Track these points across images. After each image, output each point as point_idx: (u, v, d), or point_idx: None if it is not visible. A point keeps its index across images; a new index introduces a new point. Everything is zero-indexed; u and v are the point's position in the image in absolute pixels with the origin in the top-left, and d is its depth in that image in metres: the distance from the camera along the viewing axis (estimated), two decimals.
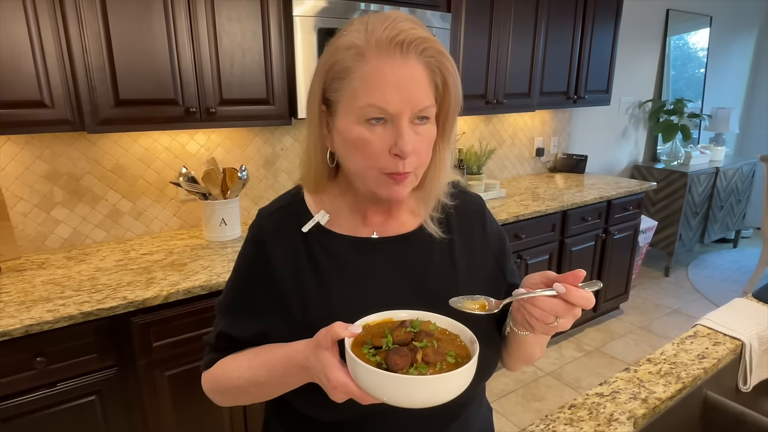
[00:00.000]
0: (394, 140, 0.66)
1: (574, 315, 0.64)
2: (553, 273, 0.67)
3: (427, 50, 0.66)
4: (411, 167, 0.69)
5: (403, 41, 0.64)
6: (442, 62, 0.68)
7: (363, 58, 0.65)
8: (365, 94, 0.65)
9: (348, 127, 0.68)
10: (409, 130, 0.67)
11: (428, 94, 0.68)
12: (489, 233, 0.87)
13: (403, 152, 0.66)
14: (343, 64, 0.67)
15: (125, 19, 1.60)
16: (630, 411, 0.95)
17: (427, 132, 0.70)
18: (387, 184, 0.70)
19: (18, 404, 1.40)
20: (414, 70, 0.66)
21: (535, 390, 2.67)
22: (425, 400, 0.58)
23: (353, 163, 0.71)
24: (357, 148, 0.69)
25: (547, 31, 2.84)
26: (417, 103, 0.66)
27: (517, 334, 0.74)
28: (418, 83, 0.66)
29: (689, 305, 3.68)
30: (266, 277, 0.77)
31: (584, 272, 0.63)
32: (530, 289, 0.67)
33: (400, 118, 0.66)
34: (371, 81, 0.65)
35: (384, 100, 0.65)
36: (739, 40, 4.95)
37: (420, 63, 0.66)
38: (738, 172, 4.48)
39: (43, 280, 1.65)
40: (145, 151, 2.06)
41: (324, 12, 1.92)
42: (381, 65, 0.65)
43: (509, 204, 2.72)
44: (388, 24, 0.65)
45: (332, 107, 0.71)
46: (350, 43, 0.66)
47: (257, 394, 0.76)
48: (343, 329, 0.60)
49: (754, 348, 1.19)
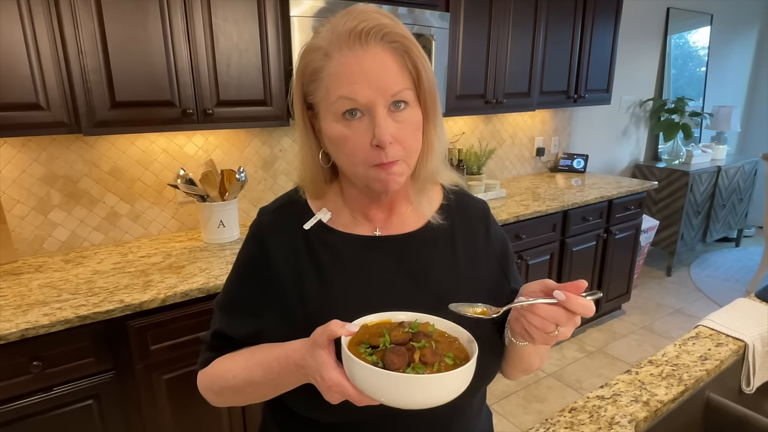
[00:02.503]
0: (372, 131, 0.66)
1: (573, 323, 0.63)
2: (552, 282, 0.66)
3: (387, 35, 0.66)
4: (396, 156, 0.68)
5: (361, 31, 0.65)
6: (407, 45, 0.67)
7: (328, 56, 0.67)
8: (335, 89, 0.66)
9: (329, 126, 0.69)
10: (387, 118, 0.67)
11: (399, 79, 0.67)
12: (492, 238, 0.87)
13: (381, 142, 0.66)
14: (313, 65, 0.68)
15: (121, 21, 1.60)
16: (631, 414, 0.93)
17: (409, 118, 0.69)
18: (378, 177, 0.69)
19: (14, 409, 1.39)
20: (378, 57, 0.66)
21: (537, 391, 2.65)
22: (423, 401, 0.57)
23: (341, 162, 0.72)
24: (340, 146, 0.69)
25: (546, 29, 2.83)
26: (387, 89, 0.66)
27: (516, 344, 0.73)
28: (384, 69, 0.66)
29: (691, 305, 3.66)
30: (266, 275, 0.77)
31: (586, 283, 0.63)
32: (529, 297, 0.66)
33: (374, 107, 0.66)
34: (338, 75, 0.66)
35: (352, 91, 0.65)
36: (739, 38, 4.94)
37: (384, 49, 0.66)
38: (740, 170, 4.46)
39: (40, 283, 1.64)
40: (143, 153, 2.05)
41: (321, 12, 1.91)
42: (344, 59, 0.65)
43: (509, 204, 2.71)
44: (348, 18, 0.66)
45: (315, 109, 0.72)
46: (317, 45, 0.68)
47: (253, 395, 0.76)
48: (339, 327, 0.60)
49: (757, 349, 1.17)
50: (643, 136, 4.38)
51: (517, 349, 0.75)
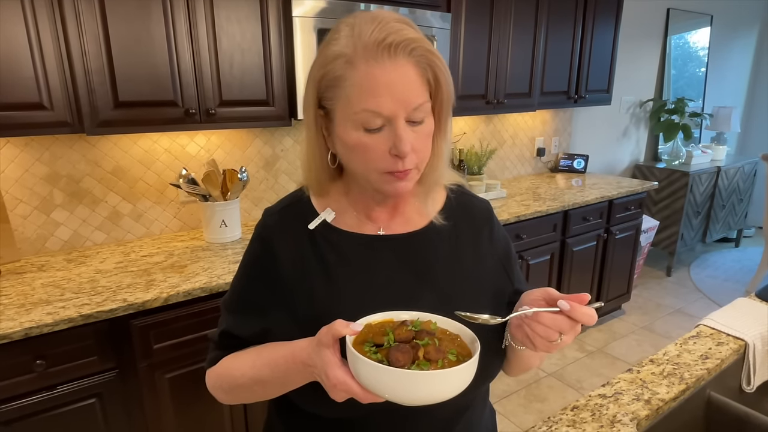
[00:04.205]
0: (393, 142, 0.67)
1: (575, 332, 0.64)
2: (555, 291, 0.67)
3: (415, 50, 0.66)
4: (411, 165, 0.70)
5: (391, 44, 0.65)
6: (432, 60, 0.68)
7: (352, 65, 0.66)
8: (359, 101, 0.66)
9: (346, 133, 0.69)
10: (407, 129, 0.67)
11: (420, 93, 0.68)
12: (496, 238, 0.87)
13: (402, 153, 0.67)
14: (335, 74, 0.67)
15: (124, 21, 1.60)
16: (633, 412, 0.94)
17: (424, 128, 0.70)
18: (390, 182, 0.71)
19: (18, 407, 1.40)
20: (404, 71, 0.66)
21: (537, 391, 2.66)
22: (427, 397, 0.57)
23: (355, 166, 0.72)
24: (357, 153, 0.70)
25: (547, 30, 2.84)
26: (410, 103, 0.67)
27: (515, 348, 0.73)
28: (409, 83, 0.66)
29: (691, 305, 3.67)
30: (272, 275, 0.77)
31: (588, 296, 0.64)
32: (532, 306, 0.67)
33: (396, 119, 0.67)
34: (363, 87, 0.65)
35: (377, 104, 0.65)
36: (739, 39, 4.94)
37: (409, 63, 0.66)
38: (739, 171, 4.47)
39: (43, 282, 1.64)
40: (145, 153, 2.06)
41: (323, 12, 1.91)
42: (371, 70, 0.65)
43: (510, 204, 2.71)
44: (374, 27, 0.65)
45: (330, 114, 0.72)
46: (339, 53, 0.67)
47: (260, 393, 0.76)
48: (344, 327, 0.61)
49: (757, 348, 1.18)
50: (643, 137, 4.38)
51: (517, 352, 0.76)
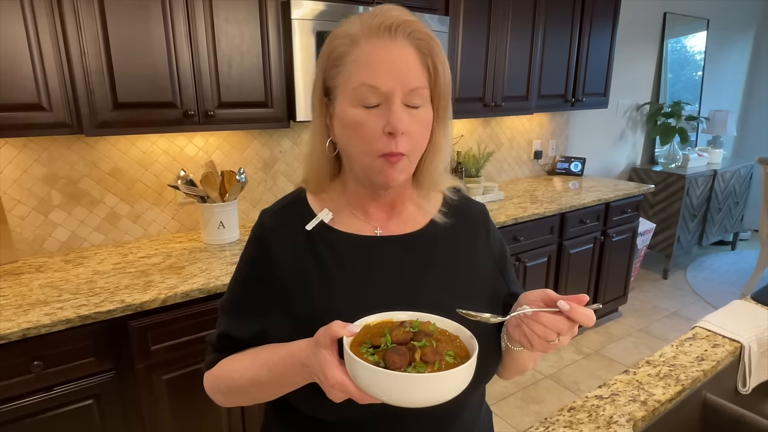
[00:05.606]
0: (387, 119, 0.69)
1: (572, 333, 0.65)
2: (554, 292, 0.68)
3: (414, 33, 0.70)
4: (404, 148, 0.70)
5: (391, 25, 0.69)
6: (430, 45, 0.72)
7: (355, 43, 0.70)
8: (358, 74, 0.69)
9: (345, 110, 0.71)
10: (403, 108, 0.70)
11: (419, 76, 0.70)
12: (492, 240, 0.88)
13: (395, 129, 0.68)
14: (339, 50, 0.71)
15: (123, 22, 1.60)
16: (629, 413, 0.95)
17: (420, 114, 0.72)
18: (382, 169, 0.72)
19: (15, 408, 1.39)
20: (403, 51, 0.70)
21: (534, 393, 2.66)
22: (424, 399, 0.57)
23: (351, 147, 0.73)
24: (353, 131, 0.71)
25: (544, 34, 2.85)
26: (408, 82, 0.69)
27: (511, 349, 0.74)
28: (407, 63, 0.69)
29: (688, 307, 3.68)
30: (269, 276, 0.77)
31: (587, 297, 0.65)
32: (530, 306, 0.67)
33: (392, 96, 0.69)
34: (363, 61, 0.69)
35: (376, 79, 0.68)
36: (736, 43, 4.97)
37: (409, 45, 0.70)
38: (736, 174, 4.49)
39: (41, 283, 1.64)
40: (143, 154, 2.06)
41: (322, 15, 1.92)
42: (371, 47, 0.69)
43: (507, 207, 2.72)
44: (378, 13, 0.71)
45: (332, 94, 0.74)
46: (345, 32, 0.72)
47: (259, 395, 0.76)
48: (341, 328, 0.61)
49: (753, 350, 1.19)
50: (640, 140, 4.40)
51: (513, 353, 0.76)
